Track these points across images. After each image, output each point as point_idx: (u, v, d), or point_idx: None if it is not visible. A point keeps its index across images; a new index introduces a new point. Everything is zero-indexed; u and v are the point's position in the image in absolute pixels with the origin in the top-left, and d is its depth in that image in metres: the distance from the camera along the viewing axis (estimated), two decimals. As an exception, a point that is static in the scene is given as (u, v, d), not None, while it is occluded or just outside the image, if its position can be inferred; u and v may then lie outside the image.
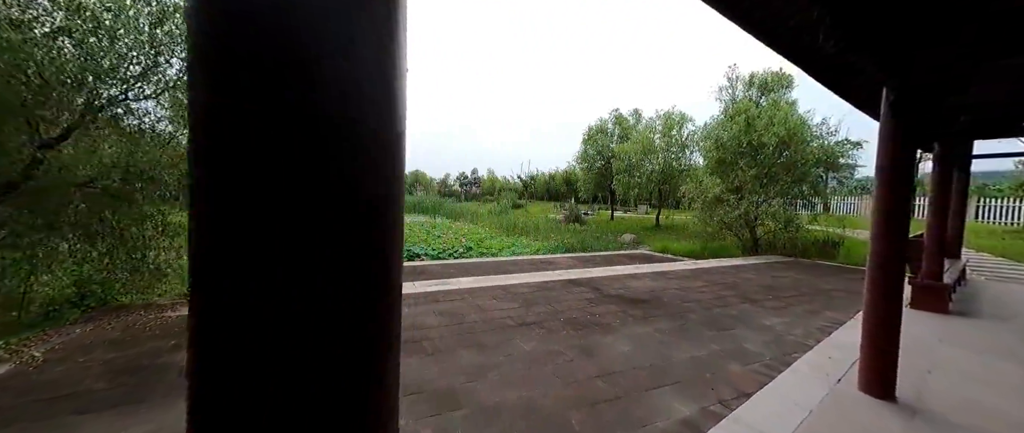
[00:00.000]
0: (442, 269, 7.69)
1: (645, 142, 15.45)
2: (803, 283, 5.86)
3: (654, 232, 15.85)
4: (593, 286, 5.26)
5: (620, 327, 3.57)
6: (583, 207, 27.45)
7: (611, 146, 18.80)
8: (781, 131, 7.63)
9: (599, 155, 19.04)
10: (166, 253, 4.17)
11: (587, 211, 26.01)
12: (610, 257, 9.95)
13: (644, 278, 5.94)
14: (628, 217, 23.89)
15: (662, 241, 13.36)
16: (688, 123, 16.23)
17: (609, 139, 19.04)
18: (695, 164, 16.29)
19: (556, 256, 10.21)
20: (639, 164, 15.82)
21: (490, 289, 4.92)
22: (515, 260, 9.27)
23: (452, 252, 10.99)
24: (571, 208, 22.39)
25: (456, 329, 3.39)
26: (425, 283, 5.24)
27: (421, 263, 8.55)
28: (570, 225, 17.88)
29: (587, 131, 19.99)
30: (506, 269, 7.84)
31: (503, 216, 23.45)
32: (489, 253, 11.20)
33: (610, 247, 12.37)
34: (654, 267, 7.08)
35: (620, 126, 18.86)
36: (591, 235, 15.10)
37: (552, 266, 8.39)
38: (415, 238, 12.82)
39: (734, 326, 3.72)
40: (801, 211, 9.36)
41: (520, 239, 14.07)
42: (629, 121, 18.61)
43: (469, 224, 20.62)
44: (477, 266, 8.19)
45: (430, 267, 7.91)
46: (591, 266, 8.19)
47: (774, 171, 8.24)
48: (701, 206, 9.21)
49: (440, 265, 8.29)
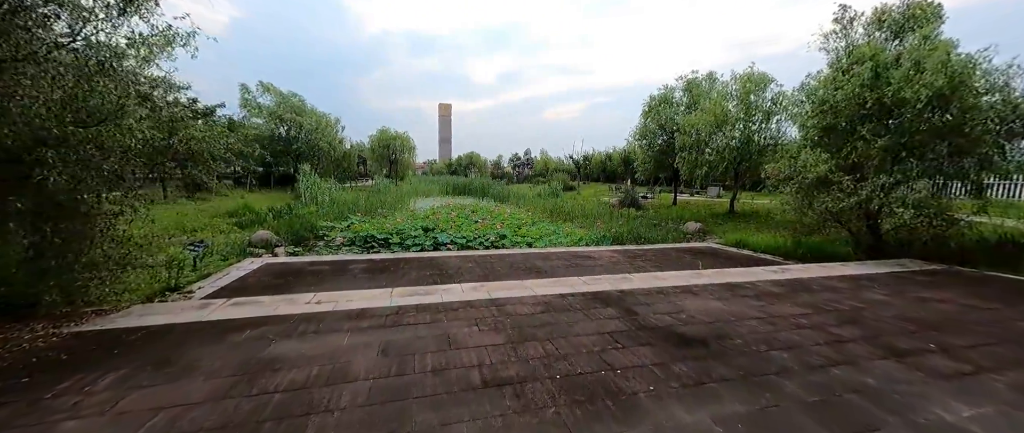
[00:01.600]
0: (457, 264, 6.66)
1: (718, 111, 12.68)
2: (984, 316, 3.68)
3: (727, 220, 13.24)
4: (626, 306, 3.75)
5: (651, 403, 2.12)
6: (642, 190, 24.74)
7: (675, 118, 16.05)
8: (938, 80, 5.05)
9: (662, 129, 16.38)
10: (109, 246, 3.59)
11: (646, 194, 23.35)
12: (665, 253, 8.09)
13: (706, 293, 4.24)
14: (694, 201, 20.84)
15: (737, 232, 10.92)
16: (770, 85, 12.98)
17: (675, 110, 16.26)
18: (784, 136, 13.12)
19: (598, 249, 8.63)
20: (710, 138, 13.14)
21: (481, 306, 3.69)
22: (547, 253, 7.92)
23: (483, 240, 9.95)
24: (626, 191, 20.11)
25: (385, 389, 2.23)
26: (406, 292, 4.18)
27: (438, 255, 7.61)
28: (624, 210, 15.85)
29: (648, 102, 17.33)
30: (531, 266, 6.55)
31: (551, 199, 21.94)
32: (523, 242, 9.97)
33: (668, 239, 10.36)
34: (724, 275, 5.25)
35: (690, 94, 15.91)
36: (647, 222, 13.05)
37: (588, 263, 6.90)
38: (449, 223, 12.02)
39: (876, 420, 2.05)
40: (960, 196, 6.53)
41: (564, 226, 12.59)
42: (702, 86, 15.58)
43: (514, 207, 19.54)
44: (499, 260, 7.02)
45: (445, 261, 6.93)
46: (636, 268, 6.53)
47: (919, 140, 5.65)
48: (795, 189, 6.89)
49: (459, 258, 7.28)
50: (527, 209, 17.58)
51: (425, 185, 34.16)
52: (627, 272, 6.08)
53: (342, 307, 3.57)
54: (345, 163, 29.08)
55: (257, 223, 11.30)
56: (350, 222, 11.90)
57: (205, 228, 9.90)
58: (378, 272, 6.05)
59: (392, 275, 5.84)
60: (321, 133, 24.38)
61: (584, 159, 41.65)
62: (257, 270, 6.00)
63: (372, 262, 6.79)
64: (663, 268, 6.62)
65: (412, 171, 40.40)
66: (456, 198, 26.25)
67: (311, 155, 23.56)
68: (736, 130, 12.99)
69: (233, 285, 5.12)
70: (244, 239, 9.11)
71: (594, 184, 41.10)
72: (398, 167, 35.40)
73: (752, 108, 12.35)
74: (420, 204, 20.38)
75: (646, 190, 25.05)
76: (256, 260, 6.82)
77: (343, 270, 6.15)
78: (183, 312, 3.41)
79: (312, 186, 17.12)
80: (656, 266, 6.79)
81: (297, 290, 4.76)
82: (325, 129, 24.88)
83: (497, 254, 7.79)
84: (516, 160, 55.74)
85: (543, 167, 48.44)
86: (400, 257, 7.35)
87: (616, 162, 39.66)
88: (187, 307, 3.56)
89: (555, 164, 47.65)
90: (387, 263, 6.70)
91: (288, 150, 22.55)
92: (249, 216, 11.69)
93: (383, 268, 6.30)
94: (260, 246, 9.08)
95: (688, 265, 6.93)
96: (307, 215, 12.60)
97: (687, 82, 16.34)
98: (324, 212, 13.26)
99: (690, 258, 7.67)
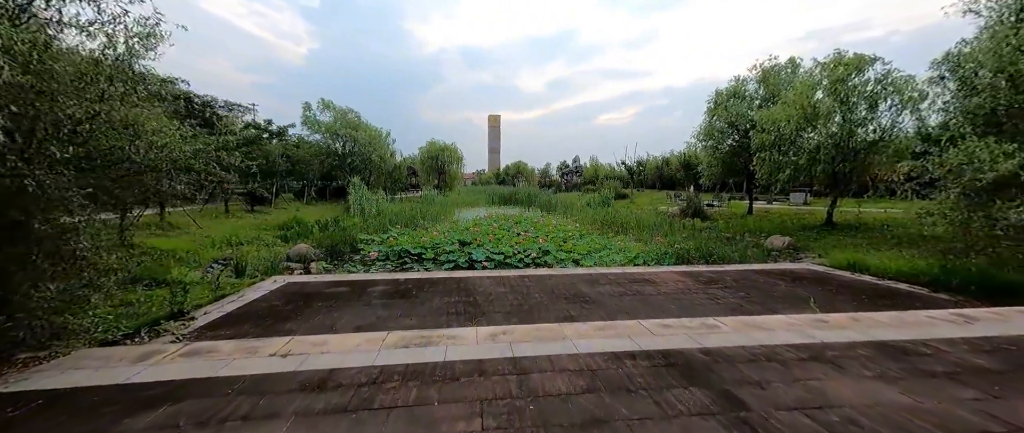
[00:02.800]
0: (487, 288, 5.63)
1: (804, 103, 10.37)
2: None
3: (824, 234, 10.74)
4: (721, 387, 2.38)
5: None
6: (707, 197, 22.04)
7: (749, 113, 13.73)
8: None
9: (732, 127, 14.10)
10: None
11: (713, 201, 20.67)
12: (748, 278, 6.33)
13: (855, 363, 2.70)
14: (775, 210, 17.86)
15: (843, 249, 8.62)
16: (871, 67, 10.30)
17: (748, 104, 13.94)
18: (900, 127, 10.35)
19: (660, 269, 7.07)
20: (795, 134, 10.80)
21: (496, 374, 2.57)
22: (596, 274, 6.60)
23: (523, 256, 8.86)
24: (689, 198, 17.84)
25: None
26: (402, 341, 3.19)
27: (470, 275, 6.64)
28: (687, 221, 13.82)
29: (714, 97, 15.14)
30: (575, 292, 5.30)
31: (601, 209, 20.26)
32: (569, 259, 8.70)
33: (748, 257, 8.42)
34: (868, 325, 3.57)
35: (766, 85, 13.52)
36: (717, 236, 11.02)
37: (648, 290, 5.46)
38: (488, 236, 11.12)
39: None
40: None
41: (616, 239, 11.07)
42: (782, 75, 13.13)
43: (561, 217, 18.24)
44: (538, 284, 5.86)
45: (475, 284, 5.93)
46: (712, 298, 4.97)
47: None
48: (957, 194, 4.85)
49: (492, 279, 6.24)
50: (575, 220, 16.18)
51: (472, 195, 34.06)
52: (705, 310, 4.57)
53: (309, 365, 2.68)
54: (396, 175, 29.86)
55: (302, 236, 11.34)
56: (389, 235, 11.51)
57: (252, 241, 10.00)
58: (396, 297, 5.21)
59: (409, 303, 4.95)
60: (373, 146, 25.19)
61: (638, 165, 38.98)
62: (271, 293, 5.46)
63: (396, 283, 5.99)
64: (752, 301, 4.98)
65: (460, 181, 40.74)
66: (501, 208, 25.54)
67: (363, 168, 24.37)
68: (832, 124, 10.54)
69: (235, 312, 4.56)
70: (282, 253, 8.95)
71: (649, 192, 38.19)
72: (446, 177, 35.78)
73: (851, 95, 9.89)
74: (464, 215, 19.89)
75: (712, 197, 22.26)
76: (278, 279, 6.36)
77: (361, 293, 5.41)
78: (117, 366, 2.73)
79: (361, 198, 17.37)
80: (741, 297, 5.16)
81: (285, 327, 4.03)
82: (377, 142, 25.69)
83: (536, 275, 6.63)
84: (564, 168, 54.17)
85: (593, 174, 46.35)
86: (427, 277, 6.49)
87: (674, 167, 36.52)
88: (129, 357, 2.89)
89: (606, 171, 45.31)
90: (410, 285, 5.86)
91: (343, 164, 23.53)
92: (296, 229, 11.80)
93: (404, 292, 5.46)
94: (296, 260, 8.85)
95: (789, 298, 5.20)
96: (351, 228, 12.50)
97: (763, 71, 13.96)
98: (369, 224, 13.12)
99: (787, 286, 5.86)
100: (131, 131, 3.76)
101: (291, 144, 22.78)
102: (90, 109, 2.97)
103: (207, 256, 8.05)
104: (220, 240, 9.28)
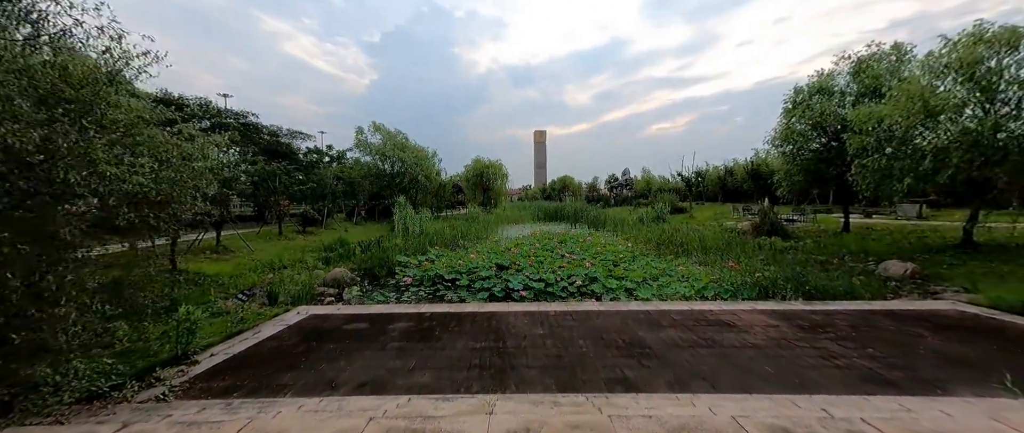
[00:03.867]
0: (521, 329, 4.75)
1: (923, 93, 8.23)
2: None
3: (962, 257, 8.35)
4: None
5: None
6: (784, 210, 19.23)
7: (840, 112, 11.52)
8: None
9: (817, 129, 11.93)
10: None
11: (793, 216, 17.90)
12: (870, 322, 4.73)
13: None
14: (878, 225, 14.87)
15: (1004, 281, 6.48)
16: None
17: (838, 101, 11.73)
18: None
19: (739, 307, 5.69)
20: (905, 134, 8.62)
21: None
22: (656, 312, 5.43)
23: (567, 283, 7.86)
24: (763, 211, 15.53)
25: None
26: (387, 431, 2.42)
27: (503, 309, 5.80)
28: (763, 240, 11.79)
29: (792, 96, 13.07)
30: (631, 340, 4.23)
31: (656, 225, 18.46)
32: (621, 288, 7.53)
33: (859, 290, 6.62)
34: None
35: (861, 78, 11.26)
36: (807, 259, 9.07)
37: (729, 338, 4.22)
38: (528, 257, 10.25)
39: None
40: None
41: (677, 262, 9.62)
42: (884, 65, 10.83)
43: (610, 235, 16.85)
44: (581, 325, 4.86)
45: (507, 322, 5.09)
46: (827, 354, 3.60)
47: None
48: None
49: (528, 316, 5.36)
50: (626, 238, 14.75)
51: (517, 211, 33.51)
52: (820, 378, 3.29)
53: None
54: (441, 193, 30.30)
55: (344, 258, 11.36)
56: (425, 258, 11.12)
57: (295, 263, 10.13)
58: (416, 340, 4.53)
59: (429, 348, 4.24)
60: (420, 166, 25.77)
61: (696, 176, 35.93)
62: (289, 328, 5.08)
63: (419, 320, 5.35)
64: (891, 365, 3.55)
65: (505, 197, 40.52)
66: (547, 225, 24.58)
67: (410, 187, 24.95)
68: (963, 118, 8.26)
69: (241, 355, 4.16)
70: (321, 277, 8.85)
71: (711, 205, 34.83)
72: (491, 194, 35.72)
73: (997, 80, 7.61)
74: (508, 232, 19.24)
75: (791, 211, 19.37)
76: (302, 309, 6.03)
77: (380, 332, 4.82)
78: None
79: (405, 217, 17.49)
80: (869, 356, 3.72)
81: (282, 381, 3.48)
82: (423, 162, 26.28)
83: (581, 311, 5.62)
84: (613, 181, 51.91)
85: (644, 187, 43.69)
86: (456, 311, 5.78)
87: (740, 177, 33.05)
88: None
89: (659, 183, 42.44)
90: (434, 323, 5.17)
91: (391, 183, 24.29)
92: (339, 251, 11.89)
93: (424, 333, 4.77)
94: (331, 285, 8.70)
95: (948, 361, 3.66)
96: (391, 249, 12.38)
97: (857, 61, 11.74)
98: (410, 244, 12.93)
99: (935, 339, 4.24)
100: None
101: (346, 166, 24.06)
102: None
103: (248, 281, 8.12)
104: (265, 263, 9.44)
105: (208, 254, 10.06)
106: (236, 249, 10.97)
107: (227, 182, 8.92)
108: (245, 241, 11.80)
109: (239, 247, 11.25)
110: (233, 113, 18.58)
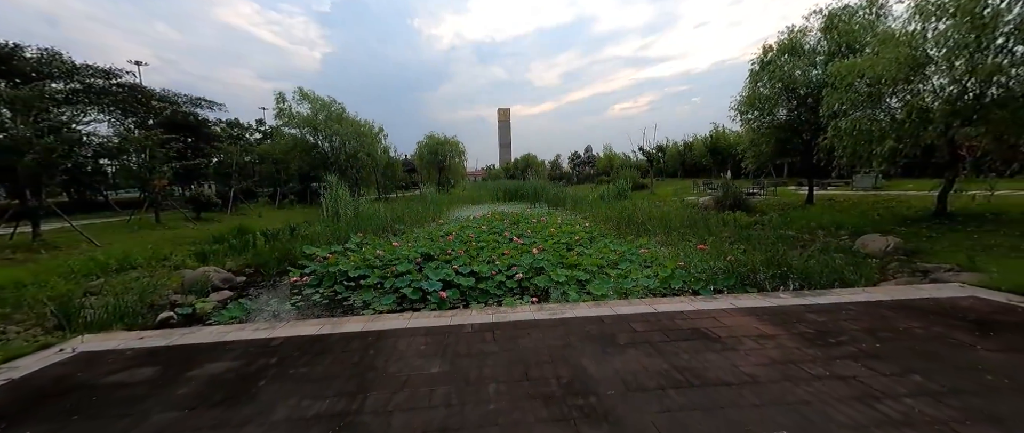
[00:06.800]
0: (412, 361, 3.00)
1: (908, 41, 7.16)
2: None
3: (941, 229, 7.58)
4: None
5: None
6: (744, 184, 18.71)
7: (812, 72, 10.48)
8: None
9: (787, 93, 10.87)
10: None
11: (753, 188, 17.37)
12: (885, 321, 3.42)
13: None
14: (838, 196, 14.47)
15: (994, 254, 5.58)
16: None
17: (809, 60, 10.67)
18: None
19: (718, 305, 4.22)
20: (892, 91, 7.56)
21: None
22: (613, 318, 3.86)
23: (505, 278, 6.19)
24: (725, 185, 14.70)
25: None
26: None
27: (399, 325, 3.99)
28: (726, 215, 10.77)
29: (759, 57, 11.92)
30: (574, 378, 2.51)
31: (617, 202, 17.30)
32: (571, 282, 5.97)
33: (847, 274, 5.44)
34: None
35: (833, 34, 10.17)
36: (777, 236, 8.00)
37: (711, 358, 2.60)
38: (467, 242, 8.46)
39: None
40: None
41: (639, 244, 8.25)
42: (857, 17, 9.76)
43: (569, 213, 15.44)
44: (506, 349, 3.19)
45: (391, 353, 3.33)
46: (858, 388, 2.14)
47: None
48: None
49: (430, 337, 3.64)
50: (585, 216, 13.36)
51: (475, 191, 31.54)
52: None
53: None
54: (389, 173, 27.53)
55: (237, 251, 8.98)
56: (343, 247, 9.01)
57: (152, 263, 7.62)
58: (216, 400, 2.66)
59: (221, 423, 2.37)
60: (361, 142, 22.82)
61: (658, 150, 35.50)
62: (8, 385, 2.98)
63: (260, 352, 3.44)
64: (940, 399, 2.12)
65: (463, 177, 38.19)
66: (505, 204, 22.93)
67: (348, 165, 22.01)
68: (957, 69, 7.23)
69: None
70: (173, 283, 6.56)
71: (672, 180, 34.63)
72: (448, 173, 33.30)
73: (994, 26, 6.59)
74: (461, 213, 17.38)
75: (751, 184, 18.90)
76: (67, 346, 3.82)
77: (170, 381, 2.91)
78: None
79: (336, 200, 15.01)
80: (903, 381, 2.31)
81: None
82: (365, 137, 23.31)
83: (509, 324, 3.94)
84: (576, 159, 50.96)
85: (607, 164, 43.05)
86: (323, 333, 3.88)
87: (699, 152, 32.93)
88: None
89: (620, 160, 41.90)
90: (274, 359, 3.29)
91: (326, 162, 21.19)
92: (232, 242, 9.44)
93: (241, 382, 2.90)
94: (194, 291, 6.45)
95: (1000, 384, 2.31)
96: (304, 238, 10.11)
97: (828, 15, 10.64)
98: (336, 231, 10.72)
99: (985, 349, 2.96)
100: None
101: (256, 142, 20.52)
102: None
103: (57, 291, 5.67)
104: (101, 264, 6.93)
105: (7, 254, 7.31)
106: (68, 245, 8.23)
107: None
108: (82, 233, 8.92)
109: (75, 242, 8.48)
110: (103, 71, 14.74)
